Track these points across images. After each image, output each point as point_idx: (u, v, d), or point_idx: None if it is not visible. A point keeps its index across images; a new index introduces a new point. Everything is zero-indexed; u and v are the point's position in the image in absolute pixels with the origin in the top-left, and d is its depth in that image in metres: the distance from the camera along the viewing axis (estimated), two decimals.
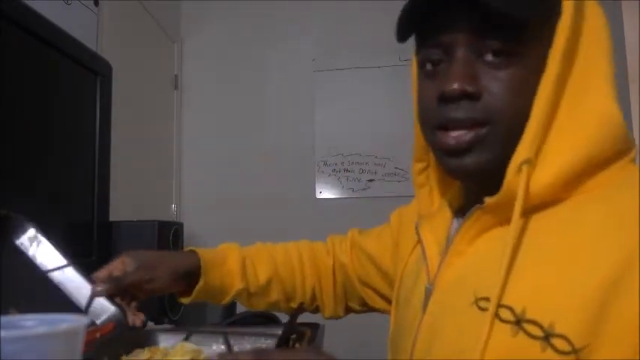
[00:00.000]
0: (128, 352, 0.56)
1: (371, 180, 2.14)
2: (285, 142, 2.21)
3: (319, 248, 0.85)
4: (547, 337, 0.42)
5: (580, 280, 0.42)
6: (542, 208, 0.48)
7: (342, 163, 2.18)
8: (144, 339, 0.62)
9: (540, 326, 0.42)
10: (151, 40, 1.99)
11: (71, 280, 0.62)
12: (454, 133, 0.51)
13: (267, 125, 2.25)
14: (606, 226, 0.43)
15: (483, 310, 0.47)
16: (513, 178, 0.47)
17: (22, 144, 0.80)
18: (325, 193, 2.18)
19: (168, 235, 1.19)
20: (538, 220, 0.48)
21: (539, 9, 0.49)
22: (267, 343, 0.61)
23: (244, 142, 2.24)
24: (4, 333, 0.29)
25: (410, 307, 0.60)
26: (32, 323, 0.35)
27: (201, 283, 0.72)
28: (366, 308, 0.83)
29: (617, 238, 0.42)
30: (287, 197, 2.17)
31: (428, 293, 0.56)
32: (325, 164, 2.19)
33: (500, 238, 0.49)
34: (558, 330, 0.41)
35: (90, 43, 1.33)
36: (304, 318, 1.25)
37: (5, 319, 0.35)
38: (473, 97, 0.49)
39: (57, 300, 0.61)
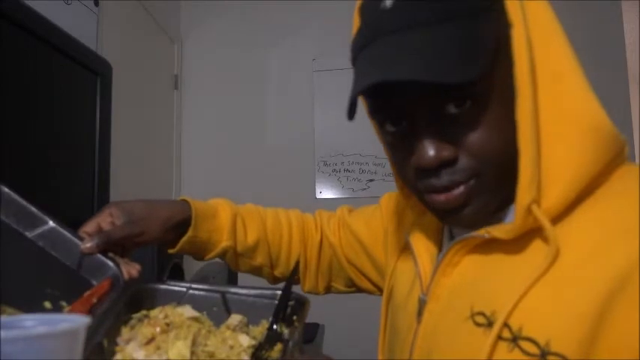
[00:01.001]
0: (127, 321, 0.54)
1: (371, 180, 2.15)
2: (285, 142, 2.21)
3: (308, 221, 0.83)
4: (543, 354, 0.41)
5: (576, 298, 0.41)
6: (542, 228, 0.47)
7: (342, 163, 2.18)
8: (142, 297, 0.59)
9: (537, 344, 0.42)
10: (151, 40, 1.99)
11: (58, 240, 0.56)
12: (443, 194, 0.49)
13: (267, 125, 2.25)
14: (600, 243, 0.42)
15: (479, 325, 0.47)
16: (524, 220, 0.45)
17: (22, 144, 0.80)
18: (325, 193, 2.18)
19: None
20: (536, 240, 0.47)
21: (483, 58, 0.44)
22: (265, 303, 0.59)
23: (244, 142, 2.24)
24: (4, 333, 0.29)
25: (405, 314, 0.59)
26: (32, 323, 0.35)
27: (190, 233, 0.68)
28: (354, 288, 0.81)
29: (611, 254, 0.41)
30: (287, 197, 2.17)
31: (422, 303, 0.55)
32: (325, 164, 2.19)
33: (495, 254, 0.49)
34: (554, 348, 0.41)
35: (90, 43, 1.33)
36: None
37: (5, 319, 0.35)
38: (450, 162, 0.47)
39: (45, 264, 0.55)
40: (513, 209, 0.47)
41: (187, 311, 0.56)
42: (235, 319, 0.57)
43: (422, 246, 0.59)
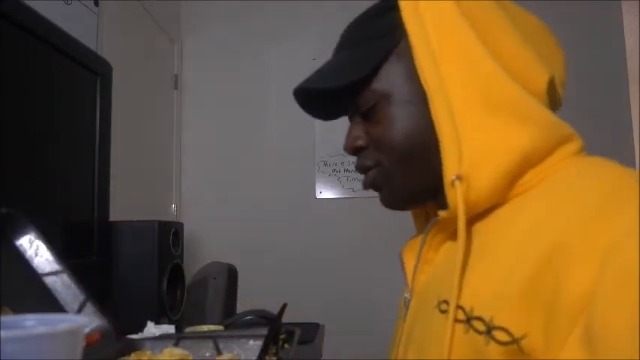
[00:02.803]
0: None
1: None
2: (285, 142, 2.21)
3: None
4: (489, 330, 0.43)
5: (512, 272, 0.43)
6: (488, 212, 0.50)
7: (342, 163, 2.18)
8: (130, 348, 0.61)
9: (484, 321, 0.44)
10: (151, 40, 1.99)
11: (64, 286, 0.64)
12: (365, 177, 0.60)
13: (267, 125, 2.25)
14: (539, 219, 0.44)
15: (443, 312, 0.49)
16: (451, 195, 0.49)
17: (22, 144, 0.80)
18: (325, 193, 2.18)
19: (168, 235, 1.19)
20: (485, 225, 0.50)
21: (360, 70, 0.55)
22: (256, 344, 0.61)
23: (244, 142, 2.24)
24: (4, 333, 0.29)
25: (398, 319, 0.63)
26: (32, 323, 0.35)
27: None
28: None
29: (546, 228, 0.43)
30: (287, 197, 2.17)
31: (407, 303, 0.59)
32: (325, 164, 2.19)
33: (455, 246, 0.51)
34: (497, 322, 0.42)
35: (90, 43, 1.33)
36: (304, 317, 1.25)
37: (5, 318, 0.35)
38: (362, 149, 0.59)
39: (47, 304, 0.62)
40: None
41: (175, 350, 0.57)
42: (226, 357, 0.58)
43: (409, 252, 0.62)
